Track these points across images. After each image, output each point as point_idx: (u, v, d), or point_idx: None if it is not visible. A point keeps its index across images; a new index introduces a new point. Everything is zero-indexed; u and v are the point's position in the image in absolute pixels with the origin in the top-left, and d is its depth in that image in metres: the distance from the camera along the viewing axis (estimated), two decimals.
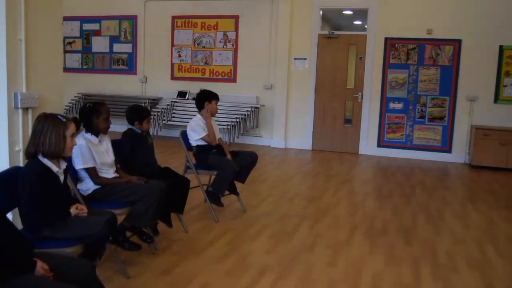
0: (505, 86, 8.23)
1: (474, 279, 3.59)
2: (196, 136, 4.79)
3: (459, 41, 8.33)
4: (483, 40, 8.21)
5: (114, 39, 10.37)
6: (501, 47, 8.18)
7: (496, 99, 8.29)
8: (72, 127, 2.82)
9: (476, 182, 7.06)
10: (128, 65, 10.34)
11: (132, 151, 4.03)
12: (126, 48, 10.31)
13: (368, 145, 8.96)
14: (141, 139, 4.15)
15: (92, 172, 3.46)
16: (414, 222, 4.92)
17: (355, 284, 3.41)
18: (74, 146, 2.94)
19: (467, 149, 8.48)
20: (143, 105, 9.52)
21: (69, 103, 10.27)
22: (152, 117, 9.47)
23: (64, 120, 2.78)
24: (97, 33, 10.47)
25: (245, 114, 9.19)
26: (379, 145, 8.91)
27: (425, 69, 8.54)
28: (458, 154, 8.54)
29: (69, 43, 10.63)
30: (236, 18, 9.50)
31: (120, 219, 3.41)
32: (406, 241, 4.36)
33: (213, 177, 4.86)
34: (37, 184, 2.69)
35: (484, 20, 8.18)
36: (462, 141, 8.51)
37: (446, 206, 5.61)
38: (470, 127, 8.42)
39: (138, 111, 4.18)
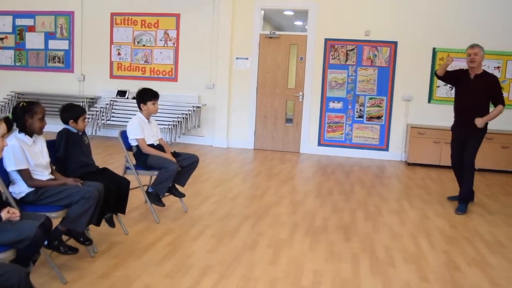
0: (438, 86, 8.60)
1: (409, 272, 3.72)
2: (132, 135, 4.68)
3: (395, 43, 8.63)
4: (418, 42, 8.55)
5: (49, 36, 9.99)
6: (434, 49, 8.55)
7: (430, 99, 8.66)
8: (2, 127, 2.69)
9: (411, 179, 7.33)
10: (65, 62, 9.99)
11: (67, 152, 3.87)
12: (63, 45, 9.96)
13: (309, 144, 9.11)
14: (76, 138, 3.98)
15: (25, 174, 3.31)
16: (353, 219, 5.05)
17: (296, 281, 3.45)
18: (6, 147, 2.81)
19: (403, 147, 8.80)
20: (81, 104, 9.26)
21: (1, 102, 9.80)
22: (87, 115, 9.22)
23: None
24: (31, 28, 10.05)
25: (186, 114, 9.11)
26: (319, 144, 9.08)
27: (363, 69, 8.78)
28: (395, 152, 8.86)
29: (1, 39, 10.15)
30: (177, 16, 9.40)
31: (55, 222, 3.29)
32: (345, 237, 4.46)
33: (153, 177, 4.78)
34: None
35: (418, 23, 8.53)
36: (399, 140, 8.84)
37: (384, 203, 5.80)
38: (406, 126, 8.74)
39: (71, 109, 4.00)
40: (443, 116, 8.25)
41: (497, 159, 8.07)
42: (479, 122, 5.43)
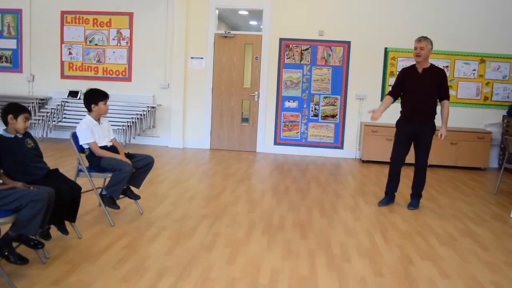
0: (390, 85, 8.80)
1: (364, 267, 3.79)
2: (82, 141, 4.54)
3: (348, 43, 8.79)
4: (370, 42, 8.74)
5: None
6: (386, 49, 8.76)
7: (383, 98, 8.84)
8: None
9: (365, 176, 7.48)
10: (13, 62, 9.65)
11: (2, 162, 3.53)
12: (10, 44, 9.61)
13: (265, 143, 9.16)
14: (12, 144, 3.67)
15: None
16: (310, 216, 5.10)
17: (253, 280, 3.46)
18: None
19: (357, 145, 8.97)
20: (30, 105, 8.97)
21: None
22: (38, 116, 8.95)
23: None
24: None
25: (141, 114, 8.97)
26: (275, 143, 9.14)
27: (318, 69, 8.90)
28: (350, 150, 9.02)
29: None
30: (130, 15, 9.24)
31: (4, 228, 3.17)
32: (302, 235, 4.50)
33: (107, 179, 4.67)
34: None
35: (370, 24, 8.72)
36: (353, 138, 9.00)
37: (339, 200, 5.89)
38: (359, 124, 8.92)
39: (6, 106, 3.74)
40: (396, 114, 8.41)
41: (446, 155, 8.35)
42: (444, 133, 5.48)
